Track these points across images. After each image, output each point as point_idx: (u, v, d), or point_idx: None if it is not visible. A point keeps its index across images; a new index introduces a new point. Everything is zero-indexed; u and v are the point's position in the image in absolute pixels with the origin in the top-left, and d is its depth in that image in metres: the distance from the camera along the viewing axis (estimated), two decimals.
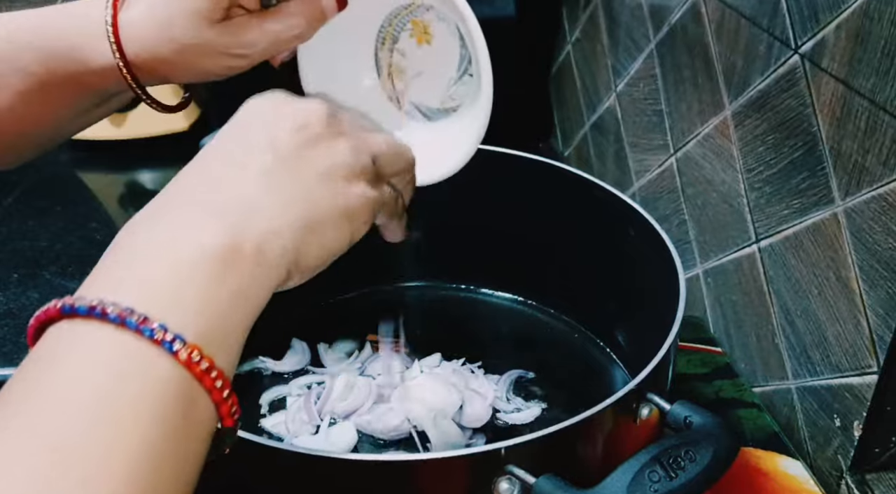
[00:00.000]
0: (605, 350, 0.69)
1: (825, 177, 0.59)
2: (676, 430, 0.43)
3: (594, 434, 0.44)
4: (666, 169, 0.83)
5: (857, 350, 0.59)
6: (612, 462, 0.41)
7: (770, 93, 0.64)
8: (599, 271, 0.66)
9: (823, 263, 0.61)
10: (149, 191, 1.07)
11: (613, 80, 0.93)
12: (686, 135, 0.78)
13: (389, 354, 0.67)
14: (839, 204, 0.58)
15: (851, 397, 0.60)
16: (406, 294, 0.76)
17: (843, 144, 0.57)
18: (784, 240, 0.65)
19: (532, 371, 0.67)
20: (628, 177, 0.91)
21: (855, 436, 0.60)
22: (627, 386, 0.44)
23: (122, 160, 1.09)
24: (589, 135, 1.03)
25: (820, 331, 0.62)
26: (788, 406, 0.68)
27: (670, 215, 0.83)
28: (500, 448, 0.41)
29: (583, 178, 0.64)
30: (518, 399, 0.64)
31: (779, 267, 0.67)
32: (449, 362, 0.67)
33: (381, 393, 0.63)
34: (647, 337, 0.57)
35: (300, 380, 0.66)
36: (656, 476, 0.38)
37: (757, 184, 0.68)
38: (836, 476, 0.63)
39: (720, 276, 0.76)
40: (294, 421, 0.60)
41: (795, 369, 0.66)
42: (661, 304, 0.55)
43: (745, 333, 0.73)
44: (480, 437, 0.61)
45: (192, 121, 1.10)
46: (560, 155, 1.13)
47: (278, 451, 0.41)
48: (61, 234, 0.95)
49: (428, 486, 0.43)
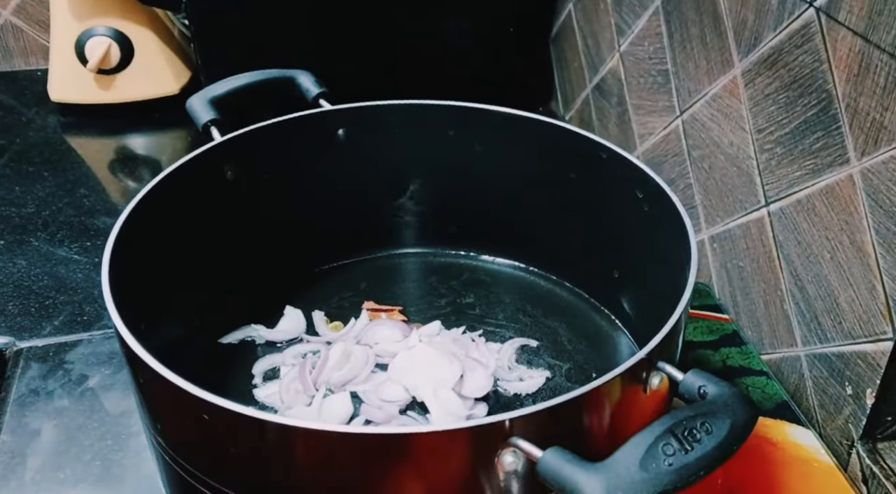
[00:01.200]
0: (611, 317, 0.67)
1: (840, 137, 0.57)
2: (689, 401, 0.41)
3: (601, 406, 0.42)
4: (671, 131, 0.81)
5: (872, 316, 0.57)
6: (619, 435, 0.39)
7: (783, 49, 0.62)
8: (605, 236, 0.64)
9: (837, 227, 0.59)
10: (139, 157, 1.05)
11: (617, 39, 0.90)
12: (693, 95, 0.75)
13: (387, 322, 0.65)
14: (855, 164, 0.56)
15: (864, 364, 0.58)
16: (404, 260, 0.74)
17: (861, 102, 0.55)
18: (795, 203, 0.63)
19: (535, 339, 0.66)
20: (632, 141, 0.89)
21: (867, 404, 0.59)
22: (638, 355, 0.42)
23: (111, 125, 1.07)
24: (591, 97, 1.00)
25: (832, 297, 0.61)
26: (797, 374, 0.66)
27: (675, 179, 0.81)
28: (504, 419, 0.39)
29: (588, 139, 0.61)
30: (521, 368, 0.63)
31: (789, 232, 0.65)
32: (449, 331, 0.65)
33: (379, 363, 0.61)
34: (654, 304, 0.55)
35: (294, 349, 0.64)
36: (671, 449, 0.37)
37: (767, 145, 0.65)
38: (847, 444, 0.61)
39: (727, 242, 0.74)
40: (288, 392, 0.58)
41: (805, 336, 0.64)
42: (669, 270, 0.53)
43: (753, 300, 0.71)
44: (482, 408, 0.59)
45: (183, 85, 1.08)
46: (561, 119, 1.10)
47: (269, 424, 0.39)
48: (49, 201, 0.93)
49: (428, 460, 0.41)
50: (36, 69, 1.18)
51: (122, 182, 1.00)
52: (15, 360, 0.70)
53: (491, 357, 0.61)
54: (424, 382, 0.58)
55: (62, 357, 0.70)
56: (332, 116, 0.65)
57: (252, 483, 0.43)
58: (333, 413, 0.57)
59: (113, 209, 0.92)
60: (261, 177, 0.64)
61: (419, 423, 0.57)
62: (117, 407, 0.65)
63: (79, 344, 0.71)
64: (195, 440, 0.44)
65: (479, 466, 0.41)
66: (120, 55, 1.01)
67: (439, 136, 0.67)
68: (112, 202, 0.94)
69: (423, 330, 0.65)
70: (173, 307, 0.59)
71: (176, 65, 1.07)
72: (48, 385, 0.67)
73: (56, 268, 0.81)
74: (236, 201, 0.62)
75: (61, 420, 0.64)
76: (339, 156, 0.66)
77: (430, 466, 0.41)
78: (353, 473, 0.41)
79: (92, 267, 0.81)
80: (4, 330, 0.74)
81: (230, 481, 0.43)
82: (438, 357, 0.59)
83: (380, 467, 0.41)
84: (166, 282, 0.57)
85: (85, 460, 0.60)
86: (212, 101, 0.64)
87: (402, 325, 0.65)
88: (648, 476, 0.36)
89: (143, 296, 0.52)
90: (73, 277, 0.80)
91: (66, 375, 0.68)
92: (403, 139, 0.68)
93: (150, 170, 1.01)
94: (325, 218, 0.68)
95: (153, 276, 0.55)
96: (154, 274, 0.55)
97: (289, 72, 0.69)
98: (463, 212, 0.66)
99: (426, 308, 0.69)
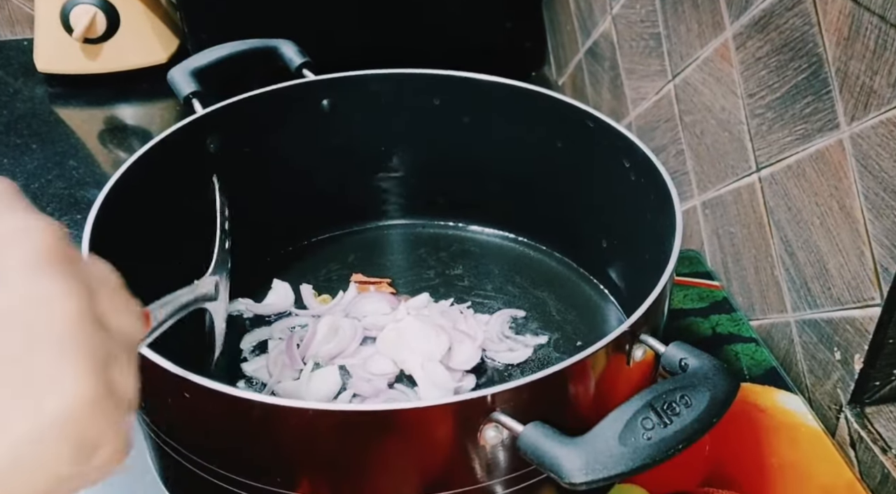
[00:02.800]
0: (599, 286, 0.67)
1: (830, 101, 0.56)
2: (671, 373, 0.41)
3: (585, 379, 0.42)
4: (663, 96, 0.80)
5: (860, 282, 0.57)
6: (604, 407, 0.39)
7: (773, 11, 0.61)
8: (593, 205, 0.64)
9: (826, 192, 0.58)
10: (129, 127, 1.04)
11: (609, 2, 0.88)
12: (685, 59, 0.74)
13: (375, 295, 0.65)
14: (845, 129, 0.55)
15: (853, 330, 0.58)
16: (392, 232, 0.74)
17: (851, 66, 0.54)
18: (786, 168, 0.63)
19: (523, 310, 0.65)
20: (624, 106, 0.88)
21: (855, 369, 0.59)
22: (619, 329, 0.42)
23: (99, 95, 1.06)
24: (584, 62, 0.98)
25: (821, 263, 0.60)
26: (787, 339, 0.66)
27: (667, 145, 0.80)
28: (486, 395, 0.39)
29: (575, 107, 0.61)
30: (508, 340, 0.62)
31: (780, 198, 0.64)
32: (437, 303, 0.65)
33: (368, 336, 0.61)
34: (643, 274, 0.55)
35: (282, 323, 0.63)
36: (650, 423, 0.37)
37: (758, 109, 0.65)
38: (835, 409, 0.62)
39: (718, 208, 0.73)
40: (276, 365, 0.58)
41: (795, 302, 0.64)
42: (656, 240, 0.53)
43: (744, 266, 0.70)
44: (470, 380, 0.59)
45: (171, 54, 1.06)
46: (553, 84, 1.09)
47: (250, 402, 0.39)
48: (39, 173, 0.92)
49: (412, 435, 0.41)
50: (22, 39, 1.16)
51: (111, 153, 0.99)
52: None
53: (479, 328, 0.61)
54: (412, 355, 0.58)
55: None
56: (316, 86, 0.65)
57: (239, 461, 0.43)
58: (321, 387, 0.57)
59: (103, 181, 0.90)
60: (243, 149, 0.63)
61: (406, 397, 0.57)
62: None
63: None
64: (179, 418, 0.44)
65: (463, 440, 0.41)
66: (106, 23, 1.00)
67: (425, 106, 0.66)
68: (102, 174, 0.93)
69: (411, 302, 0.64)
70: (159, 281, 0.59)
71: (163, 33, 1.06)
72: None
73: None
74: (219, 174, 0.61)
75: None
76: (323, 127, 0.66)
77: (414, 441, 0.41)
78: (336, 449, 0.41)
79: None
80: None
81: (215, 459, 0.43)
82: (426, 330, 0.59)
83: (362, 443, 0.41)
84: (150, 257, 0.57)
85: None
86: (193, 73, 0.63)
87: (391, 298, 0.65)
88: (627, 450, 0.36)
89: (127, 271, 0.52)
90: None
91: None
92: (389, 109, 0.67)
93: (139, 141, 1.00)
94: (311, 189, 0.68)
95: (137, 252, 0.54)
96: (137, 249, 0.55)
97: (271, 41, 0.68)
98: (450, 183, 0.65)
99: (415, 279, 0.68)
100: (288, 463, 0.42)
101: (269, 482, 0.43)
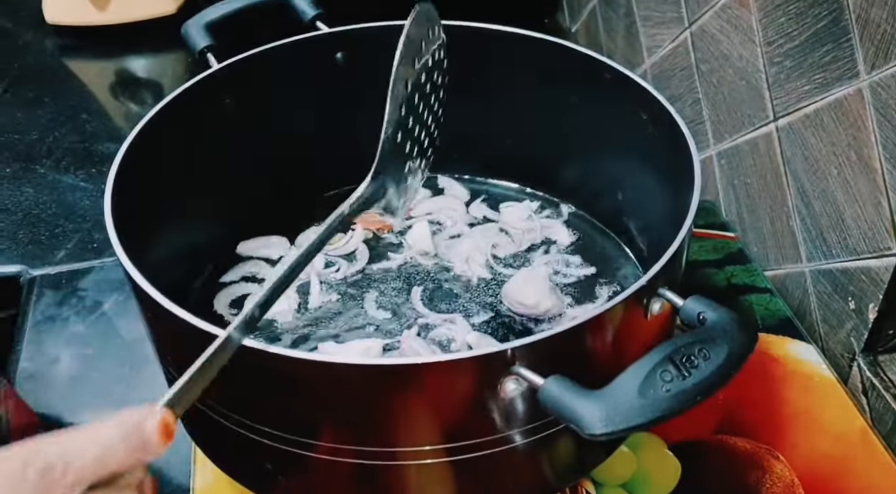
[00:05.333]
0: (616, 239, 0.67)
1: (850, 50, 0.56)
2: (690, 326, 0.41)
3: (604, 333, 0.43)
4: (680, 44, 0.78)
5: (877, 232, 0.57)
6: (622, 361, 0.40)
7: None
8: (609, 157, 0.63)
9: (844, 142, 0.58)
10: (140, 79, 1.03)
11: None
12: (702, 6, 0.73)
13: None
14: (864, 78, 0.55)
15: (868, 279, 0.58)
16: None
17: (872, 12, 0.53)
18: (804, 117, 0.62)
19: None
20: (639, 54, 0.87)
21: (869, 319, 0.59)
22: (638, 283, 0.42)
23: (109, 47, 1.06)
24: (598, 8, 0.97)
25: (837, 213, 0.60)
26: (801, 289, 0.66)
27: (683, 94, 0.79)
28: (506, 349, 0.39)
29: (590, 57, 0.60)
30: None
31: (797, 147, 0.64)
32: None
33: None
34: (660, 227, 0.55)
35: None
36: (669, 376, 0.37)
37: (777, 58, 0.64)
38: (848, 358, 0.62)
39: (734, 158, 0.73)
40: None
41: (810, 252, 0.64)
42: (673, 192, 0.53)
43: (759, 217, 0.70)
44: (486, 337, 0.60)
45: (180, 4, 1.05)
46: (567, 31, 1.07)
47: (276, 357, 0.39)
48: (52, 126, 0.92)
49: (433, 388, 0.42)
50: None
51: (123, 106, 0.99)
52: (29, 288, 0.71)
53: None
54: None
55: (75, 284, 0.71)
56: (330, 39, 0.64)
57: (264, 414, 0.44)
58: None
59: (116, 134, 0.91)
60: (259, 103, 0.63)
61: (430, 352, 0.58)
62: (131, 333, 0.66)
63: (91, 271, 0.72)
64: None
65: (484, 393, 0.41)
66: None
67: None
68: (115, 126, 0.93)
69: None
70: (181, 240, 0.59)
71: None
72: (63, 312, 0.68)
73: (63, 196, 0.82)
74: (236, 129, 0.61)
75: (78, 346, 0.65)
76: (337, 81, 0.65)
77: (436, 394, 0.42)
78: (360, 402, 0.42)
79: (99, 194, 0.81)
80: (17, 259, 0.75)
81: (240, 410, 0.44)
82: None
83: (385, 395, 0.42)
84: (170, 214, 0.57)
85: (104, 386, 0.62)
86: (207, 26, 0.63)
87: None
88: (646, 402, 0.37)
89: (148, 227, 0.52)
90: (80, 204, 0.81)
91: (80, 302, 0.69)
92: None
93: (151, 94, 1.00)
94: (326, 143, 0.68)
95: (156, 207, 0.55)
96: (157, 204, 0.55)
97: None
98: (464, 137, 0.65)
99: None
100: (316, 416, 0.43)
101: (292, 431, 0.44)
